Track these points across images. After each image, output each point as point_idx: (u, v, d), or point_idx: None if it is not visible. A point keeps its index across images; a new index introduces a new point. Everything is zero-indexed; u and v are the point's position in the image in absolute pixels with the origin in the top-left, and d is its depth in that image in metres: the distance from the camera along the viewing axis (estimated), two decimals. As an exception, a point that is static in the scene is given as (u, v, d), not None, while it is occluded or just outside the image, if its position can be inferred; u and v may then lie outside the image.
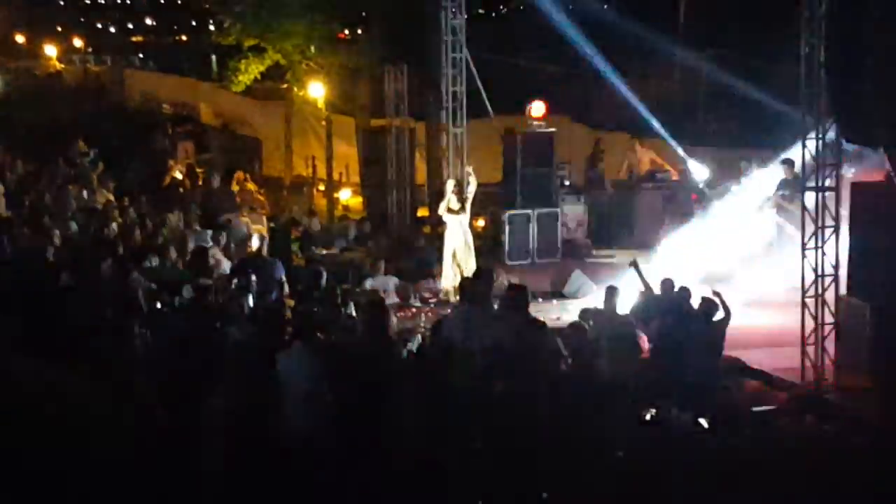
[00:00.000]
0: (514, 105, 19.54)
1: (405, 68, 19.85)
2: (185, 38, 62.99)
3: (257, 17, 21.79)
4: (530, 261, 18.05)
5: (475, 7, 31.26)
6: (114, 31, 69.81)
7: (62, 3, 66.52)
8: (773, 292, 13.81)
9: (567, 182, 19.34)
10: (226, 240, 14.92)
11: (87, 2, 73.06)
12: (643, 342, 11.03)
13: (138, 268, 11.99)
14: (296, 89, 24.08)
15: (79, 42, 49.72)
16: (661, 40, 24.39)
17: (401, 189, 20.21)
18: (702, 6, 27.70)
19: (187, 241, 14.20)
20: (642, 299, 11.44)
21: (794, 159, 14.42)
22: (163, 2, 73.07)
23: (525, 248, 18.13)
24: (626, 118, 21.39)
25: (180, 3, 66.17)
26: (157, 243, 13.70)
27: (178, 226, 15.48)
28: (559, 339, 10.03)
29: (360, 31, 27.89)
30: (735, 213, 16.31)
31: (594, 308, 11.22)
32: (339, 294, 11.84)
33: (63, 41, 47.39)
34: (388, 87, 20.02)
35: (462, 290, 10.88)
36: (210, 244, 14.24)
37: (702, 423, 9.28)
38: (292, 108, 25.53)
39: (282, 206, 21.25)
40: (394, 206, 20.13)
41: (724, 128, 24.69)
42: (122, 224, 14.66)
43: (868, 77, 10.84)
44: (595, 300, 12.24)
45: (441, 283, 15.53)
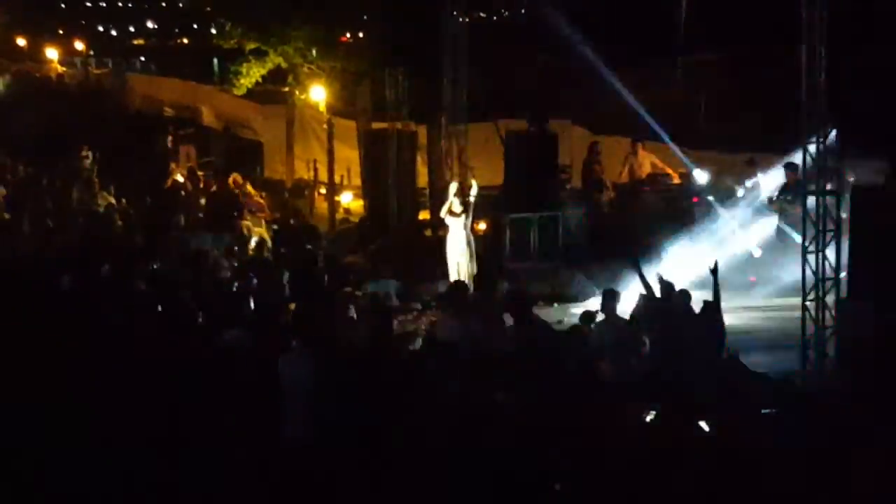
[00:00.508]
0: (516, 108, 19.52)
1: (406, 71, 19.87)
2: (186, 41, 63.07)
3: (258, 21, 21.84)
4: (531, 264, 18.03)
5: (476, 10, 31.22)
6: (115, 34, 69.86)
7: (63, 6, 66.50)
8: (773, 295, 13.81)
9: (568, 185, 19.33)
10: (226, 242, 14.93)
11: (89, 5, 73.08)
12: (644, 345, 11.03)
13: (138, 271, 12.00)
14: (297, 92, 24.12)
15: (80, 45, 49.74)
16: (662, 43, 24.37)
17: (402, 192, 20.20)
18: (704, 9, 27.67)
19: (188, 244, 14.22)
20: (643, 302, 11.44)
21: (798, 163, 14.42)
22: (164, 4, 73.12)
23: (526, 252, 18.11)
24: (627, 122, 21.36)
25: (181, 6, 66.25)
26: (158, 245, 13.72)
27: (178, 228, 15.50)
28: (560, 342, 10.03)
29: (361, 35, 27.92)
30: (736, 216, 16.31)
31: (595, 311, 11.23)
32: (340, 297, 11.84)
33: (64, 44, 47.39)
34: (389, 90, 20.03)
35: (461, 294, 10.88)
36: (211, 247, 14.25)
37: (702, 425, 9.28)
38: (294, 111, 25.52)
39: (287, 209, 21.23)
40: (395, 208, 20.15)
41: (725, 131, 24.66)
42: (124, 227, 14.67)
43: (868, 82, 10.87)
44: (596, 304, 12.24)
45: (442, 286, 15.53)
